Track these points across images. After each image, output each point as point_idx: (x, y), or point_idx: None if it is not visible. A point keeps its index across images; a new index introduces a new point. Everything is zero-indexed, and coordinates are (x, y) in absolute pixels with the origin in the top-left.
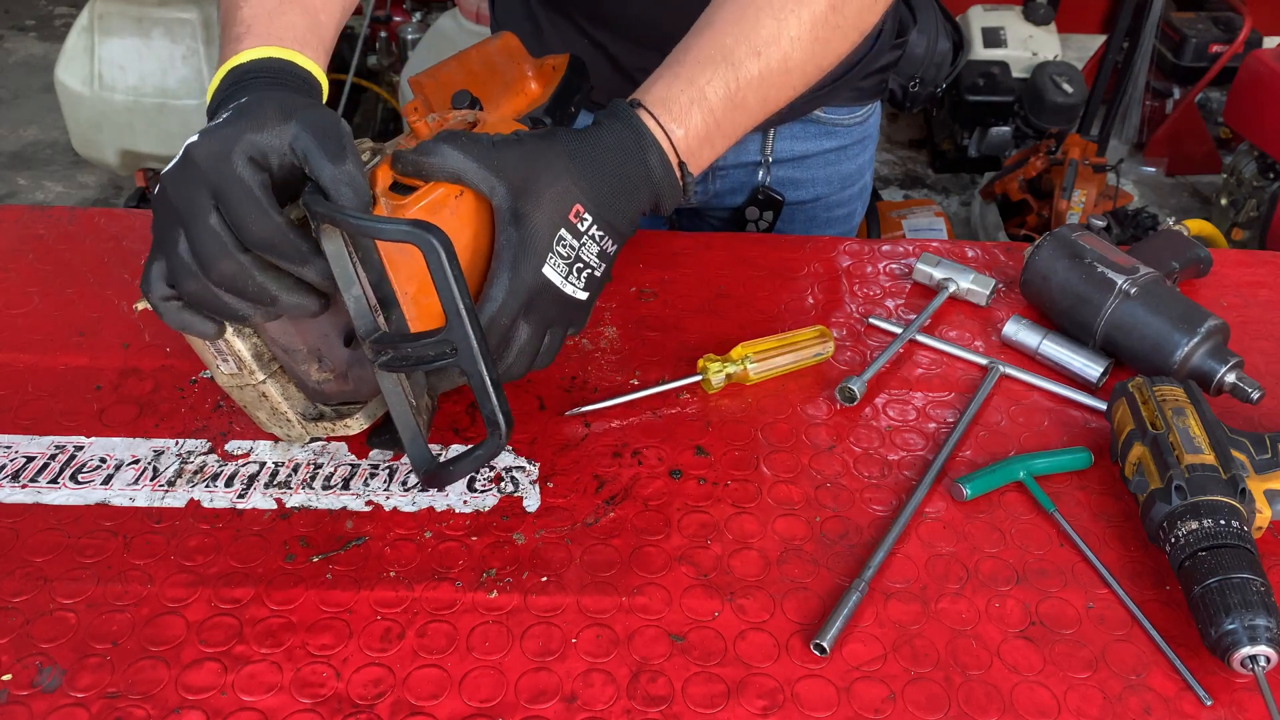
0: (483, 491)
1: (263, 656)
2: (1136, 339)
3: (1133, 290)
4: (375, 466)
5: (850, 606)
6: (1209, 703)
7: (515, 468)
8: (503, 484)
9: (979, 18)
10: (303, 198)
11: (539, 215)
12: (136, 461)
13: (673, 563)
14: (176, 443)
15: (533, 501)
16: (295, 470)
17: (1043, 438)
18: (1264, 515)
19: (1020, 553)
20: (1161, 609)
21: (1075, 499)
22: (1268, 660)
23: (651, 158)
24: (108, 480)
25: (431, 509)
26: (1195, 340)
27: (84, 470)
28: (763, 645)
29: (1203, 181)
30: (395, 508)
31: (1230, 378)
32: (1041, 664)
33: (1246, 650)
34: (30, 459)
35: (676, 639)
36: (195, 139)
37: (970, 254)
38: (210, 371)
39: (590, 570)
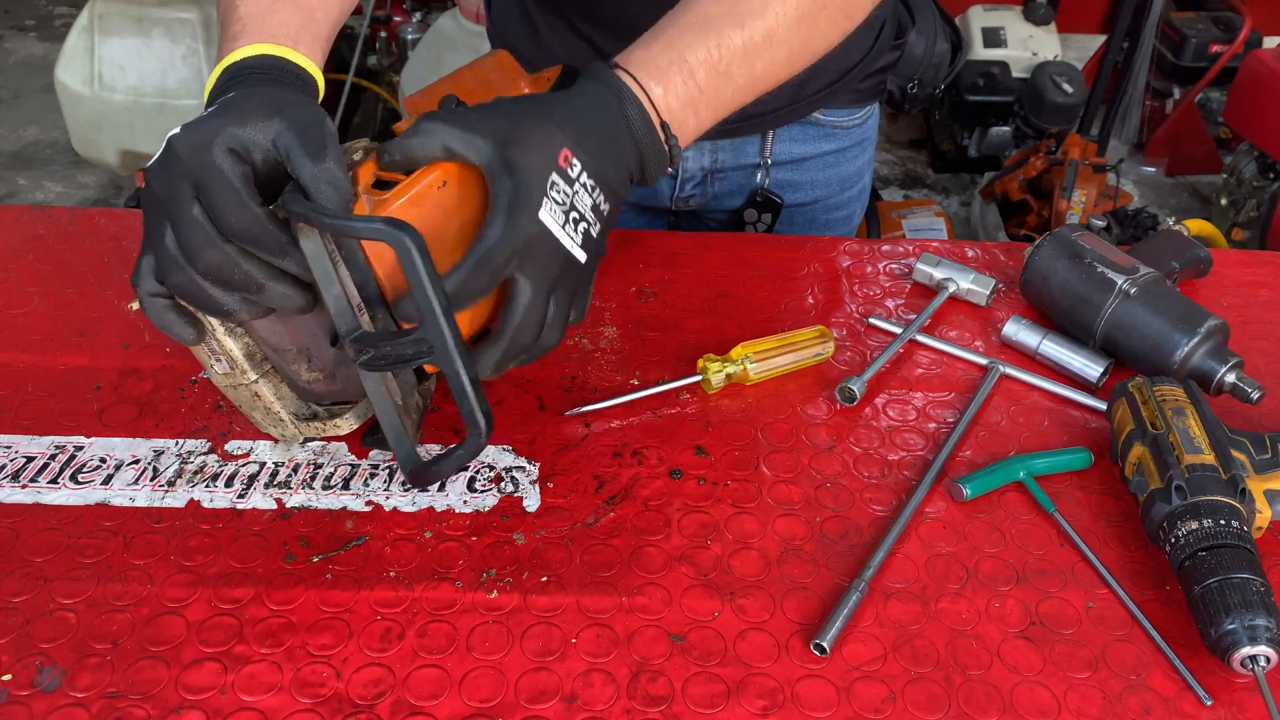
0: (483, 491)
1: (263, 656)
2: (1136, 339)
3: (1133, 290)
4: (375, 467)
5: (850, 606)
6: (1209, 703)
7: (515, 468)
8: (503, 484)
9: (979, 18)
10: (282, 196)
11: (529, 159)
12: (136, 461)
13: (673, 563)
14: (176, 443)
15: (533, 501)
16: (295, 470)
17: (1043, 438)
18: (1264, 515)
19: (1020, 553)
20: (1161, 609)
21: (1075, 499)
22: (1268, 660)
23: (630, 110)
24: (108, 480)
25: (431, 509)
26: (1195, 340)
27: (84, 470)
28: (763, 645)
29: (1203, 181)
30: (395, 508)
31: (1230, 378)
32: (1041, 664)
33: (1246, 650)
34: (30, 459)
35: (676, 639)
36: (177, 131)
37: (970, 254)
38: (206, 372)
39: (590, 570)
